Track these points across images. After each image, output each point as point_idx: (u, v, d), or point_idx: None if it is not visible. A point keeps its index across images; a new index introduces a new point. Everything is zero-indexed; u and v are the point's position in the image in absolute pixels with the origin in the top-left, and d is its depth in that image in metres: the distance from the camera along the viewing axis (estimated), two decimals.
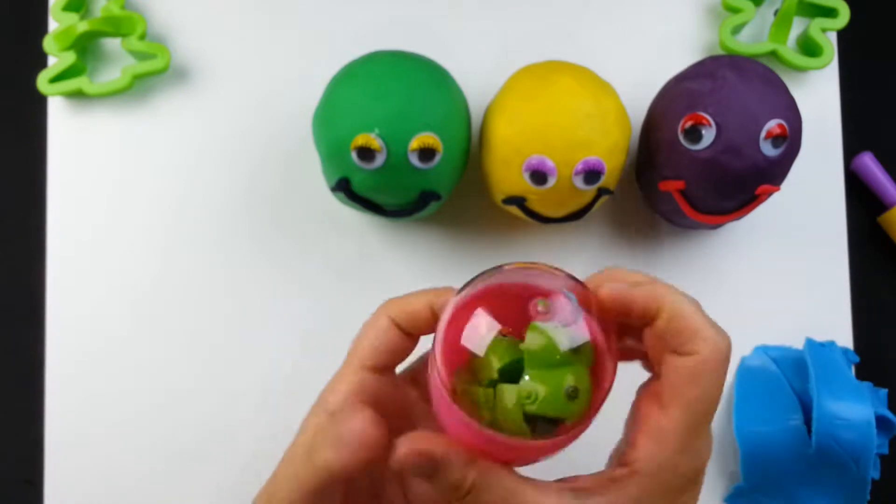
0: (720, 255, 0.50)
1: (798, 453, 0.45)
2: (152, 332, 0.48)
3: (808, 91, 0.50)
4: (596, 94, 0.42)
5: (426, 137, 0.40)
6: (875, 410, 0.45)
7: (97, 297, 0.48)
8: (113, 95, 0.49)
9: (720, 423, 0.48)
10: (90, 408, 0.47)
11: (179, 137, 0.49)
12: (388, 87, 0.40)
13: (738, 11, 0.49)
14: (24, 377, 0.48)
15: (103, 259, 0.48)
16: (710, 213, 0.44)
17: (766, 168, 0.41)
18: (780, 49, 0.49)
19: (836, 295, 0.50)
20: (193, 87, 0.50)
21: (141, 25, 0.48)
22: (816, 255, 0.50)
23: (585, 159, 0.41)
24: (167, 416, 0.47)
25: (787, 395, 0.47)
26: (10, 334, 0.49)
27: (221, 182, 0.49)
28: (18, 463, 0.48)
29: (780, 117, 0.41)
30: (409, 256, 0.49)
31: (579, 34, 0.51)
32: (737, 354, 0.49)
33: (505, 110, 0.43)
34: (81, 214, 0.49)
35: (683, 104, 0.42)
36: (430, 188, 0.43)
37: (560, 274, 0.27)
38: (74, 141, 0.49)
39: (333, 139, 0.41)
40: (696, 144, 0.41)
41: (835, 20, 0.49)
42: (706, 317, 0.26)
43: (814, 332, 0.49)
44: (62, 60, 0.47)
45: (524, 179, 0.42)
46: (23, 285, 0.49)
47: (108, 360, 0.48)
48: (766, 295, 0.49)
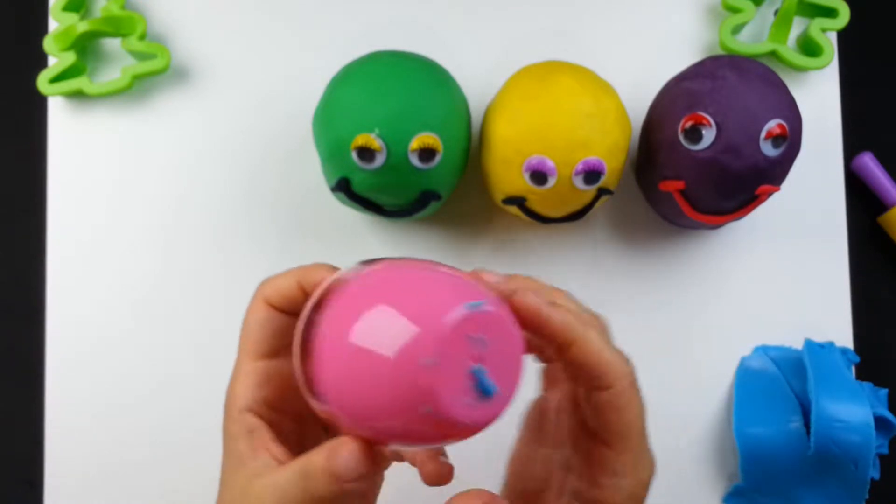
0: (720, 255, 0.50)
1: (797, 455, 0.45)
2: (152, 332, 0.48)
3: (808, 91, 0.50)
4: (596, 94, 0.42)
5: (426, 137, 0.40)
6: (875, 411, 0.45)
7: (97, 297, 0.48)
8: (113, 95, 0.49)
9: (720, 424, 0.48)
10: (90, 408, 0.47)
11: (179, 137, 0.49)
12: (389, 87, 0.40)
13: (738, 11, 0.49)
14: (24, 377, 0.48)
15: (103, 259, 0.48)
16: (710, 213, 0.44)
17: (766, 168, 0.41)
18: (780, 49, 0.49)
19: (836, 295, 0.50)
20: (193, 87, 0.50)
21: (141, 25, 0.48)
22: (816, 255, 0.50)
23: (585, 159, 0.41)
24: (167, 416, 0.47)
25: (786, 397, 0.47)
26: (10, 334, 0.49)
27: (221, 182, 0.49)
28: (18, 463, 0.48)
29: (780, 117, 0.41)
30: (408, 256, 0.49)
31: (579, 34, 0.51)
32: (737, 354, 0.49)
33: (505, 110, 0.43)
34: (81, 214, 0.49)
35: (683, 104, 0.42)
36: (430, 188, 0.43)
37: (460, 275, 0.26)
38: (74, 141, 0.49)
39: (333, 139, 0.41)
40: (697, 144, 0.41)
41: (835, 20, 0.49)
42: (609, 345, 0.28)
43: (814, 332, 0.49)
44: (62, 60, 0.47)
45: (524, 179, 0.42)
46: (23, 285, 0.49)
47: (108, 360, 0.48)
48: (766, 295, 0.49)
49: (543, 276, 0.48)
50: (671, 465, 0.48)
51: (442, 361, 0.23)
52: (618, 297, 0.49)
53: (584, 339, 0.27)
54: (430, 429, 0.24)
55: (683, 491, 0.48)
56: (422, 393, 0.23)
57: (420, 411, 0.23)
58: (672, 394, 0.48)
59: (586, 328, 0.27)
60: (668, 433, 0.48)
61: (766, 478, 0.46)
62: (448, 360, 0.23)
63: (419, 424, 0.24)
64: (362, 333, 0.24)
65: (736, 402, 0.48)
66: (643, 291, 0.49)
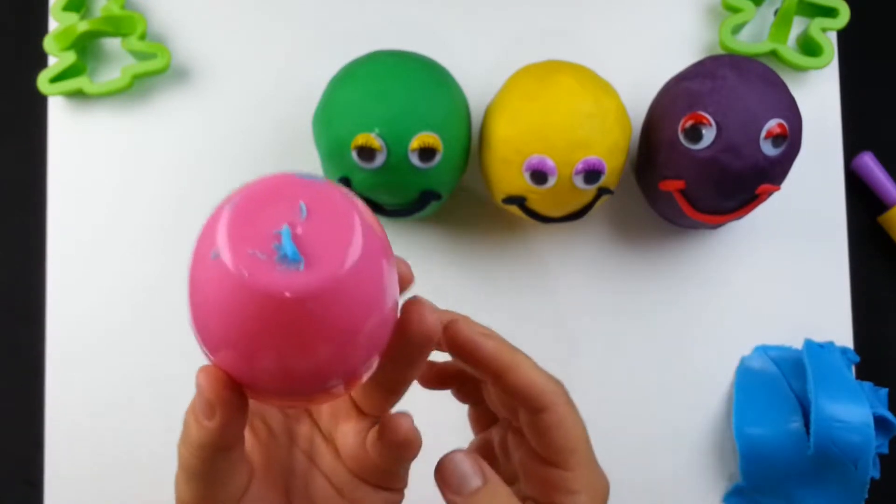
0: (720, 255, 0.50)
1: (797, 456, 0.45)
2: (152, 332, 0.48)
3: (808, 91, 0.50)
4: (596, 93, 0.42)
5: (426, 137, 0.40)
6: (875, 410, 0.45)
7: (97, 297, 0.48)
8: (113, 95, 0.49)
9: (720, 424, 0.48)
10: (90, 408, 0.47)
11: (179, 137, 0.49)
12: (389, 87, 0.41)
13: (738, 11, 0.49)
14: (24, 377, 0.48)
15: (103, 259, 0.48)
16: (710, 213, 0.44)
17: (766, 167, 0.41)
18: (780, 49, 0.49)
19: (836, 295, 0.50)
20: (193, 87, 0.50)
21: (141, 25, 0.48)
22: (816, 255, 0.50)
23: (585, 159, 0.41)
24: (167, 416, 0.47)
25: (786, 398, 0.47)
26: (10, 334, 0.49)
27: (221, 182, 0.48)
28: (18, 463, 0.48)
29: (780, 117, 0.41)
30: (408, 256, 0.49)
31: (579, 34, 0.51)
32: (737, 354, 0.49)
33: (505, 110, 0.43)
34: (81, 214, 0.49)
35: (683, 104, 0.42)
36: (430, 188, 0.43)
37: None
38: (74, 141, 0.49)
39: (334, 139, 0.41)
40: (697, 144, 0.41)
41: (835, 20, 0.49)
42: (539, 368, 0.29)
43: (814, 331, 0.49)
44: (62, 60, 0.47)
45: (524, 179, 0.42)
46: (23, 285, 0.49)
47: (108, 359, 0.47)
48: (766, 295, 0.49)
49: (543, 275, 0.49)
50: (671, 465, 0.48)
51: (248, 218, 0.22)
52: (618, 297, 0.49)
53: (517, 363, 0.28)
54: (250, 307, 0.21)
55: (683, 491, 0.48)
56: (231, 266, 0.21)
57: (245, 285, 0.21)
58: (672, 394, 0.48)
59: (515, 354, 0.28)
60: (668, 433, 0.48)
61: (766, 478, 0.46)
62: (255, 219, 0.22)
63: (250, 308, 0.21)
64: (198, 249, 0.23)
65: (736, 402, 0.48)
66: (643, 291, 0.49)
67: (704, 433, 0.49)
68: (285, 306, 0.21)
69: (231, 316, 0.22)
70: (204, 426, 0.24)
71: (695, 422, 0.49)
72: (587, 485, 0.28)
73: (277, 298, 0.21)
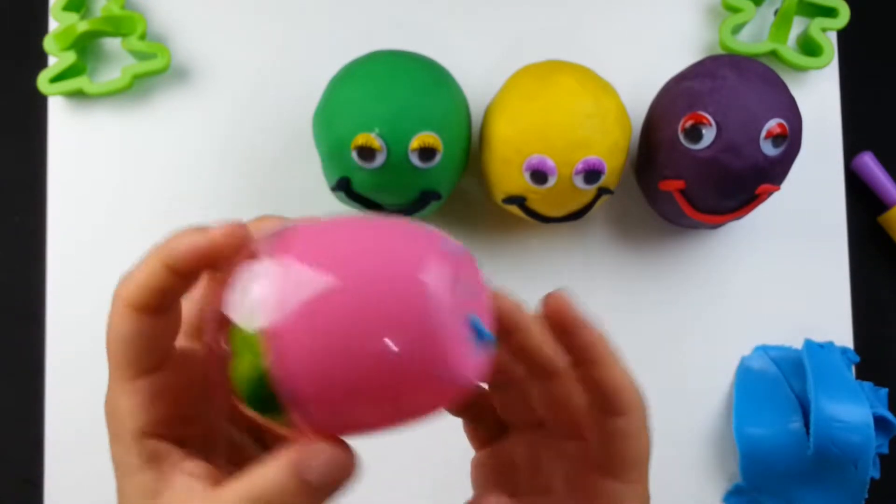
0: (720, 255, 0.50)
1: (797, 456, 0.45)
2: None
3: (808, 91, 0.50)
4: (596, 93, 0.42)
5: (426, 137, 0.40)
6: (875, 410, 0.45)
7: (97, 297, 0.48)
8: (113, 95, 0.49)
9: (720, 424, 0.48)
10: (90, 408, 0.47)
11: (179, 137, 0.49)
12: (389, 87, 0.41)
13: (738, 11, 0.49)
14: (24, 377, 0.48)
15: (103, 259, 0.48)
16: (710, 213, 0.44)
17: (766, 167, 0.41)
18: (780, 49, 0.49)
19: (836, 295, 0.50)
20: (193, 87, 0.50)
21: (141, 25, 0.48)
22: (816, 255, 0.50)
23: (585, 159, 0.41)
24: None
25: (786, 398, 0.47)
26: (10, 334, 0.49)
27: (221, 182, 0.49)
28: (18, 463, 0.48)
29: (780, 117, 0.41)
30: None
31: (579, 34, 0.51)
32: (737, 354, 0.49)
33: (505, 110, 0.43)
34: (81, 214, 0.49)
35: (684, 104, 0.42)
36: (431, 188, 0.43)
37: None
38: (74, 141, 0.49)
39: (334, 139, 0.41)
40: (697, 144, 0.41)
41: (835, 20, 0.49)
42: (630, 372, 0.26)
43: (814, 331, 0.49)
44: (62, 60, 0.47)
45: (524, 179, 0.42)
46: (23, 285, 0.49)
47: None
48: (766, 295, 0.49)
49: (543, 275, 0.49)
50: (671, 465, 0.48)
51: (446, 313, 0.20)
52: (618, 297, 0.49)
53: (613, 359, 0.25)
54: (429, 395, 0.21)
55: (683, 491, 0.48)
56: (434, 352, 0.20)
57: (432, 374, 0.20)
58: (672, 394, 0.48)
59: (613, 349, 0.26)
60: (668, 433, 0.48)
61: (765, 478, 0.46)
62: (449, 310, 0.20)
63: (423, 394, 0.20)
64: (353, 300, 0.20)
65: (736, 402, 0.48)
66: (643, 291, 0.49)
67: (704, 433, 0.49)
68: (460, 388, 0.21)
69: (406, 395, 0.21)
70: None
71: (695, 422, 0.49)
72: (641, 502, 0.27)
73: (462, 379, 0.21)
